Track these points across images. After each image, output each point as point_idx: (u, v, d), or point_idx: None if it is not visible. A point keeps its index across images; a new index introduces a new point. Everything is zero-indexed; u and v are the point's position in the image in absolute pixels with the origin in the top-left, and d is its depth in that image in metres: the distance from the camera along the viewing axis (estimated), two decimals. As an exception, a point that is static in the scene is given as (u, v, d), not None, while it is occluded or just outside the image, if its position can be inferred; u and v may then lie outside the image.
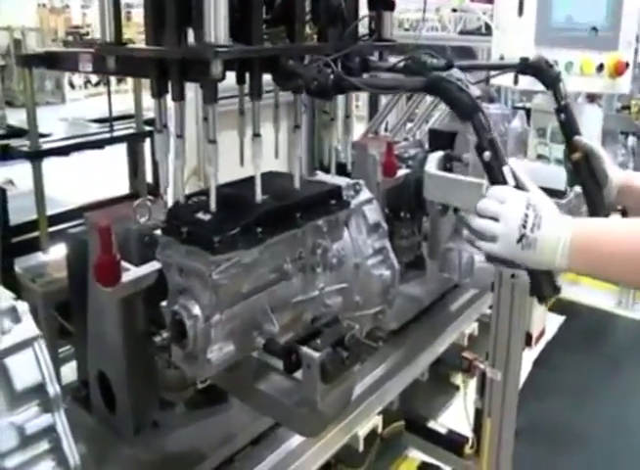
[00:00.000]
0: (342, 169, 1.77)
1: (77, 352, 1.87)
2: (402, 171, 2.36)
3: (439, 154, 2.20)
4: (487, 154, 1.21)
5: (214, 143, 1.35)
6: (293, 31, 1.46)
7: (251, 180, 1.44)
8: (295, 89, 1.47)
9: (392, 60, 1.66)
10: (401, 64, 1.58)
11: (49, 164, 2.05)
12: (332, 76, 1.36)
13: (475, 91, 1.22)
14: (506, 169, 1.22)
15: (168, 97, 1.40)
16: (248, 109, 1.56)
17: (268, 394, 1.50)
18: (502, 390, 2.44)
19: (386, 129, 3.47)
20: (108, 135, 2.26)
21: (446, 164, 2.25)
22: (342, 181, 1.69)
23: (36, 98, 2.06)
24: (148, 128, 2.29)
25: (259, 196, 1.43)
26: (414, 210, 2.45)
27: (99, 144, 2.21)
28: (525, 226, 1.16)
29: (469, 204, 2.10)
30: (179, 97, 1.38)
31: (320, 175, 1.76)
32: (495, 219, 1.19)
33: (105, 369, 1.69)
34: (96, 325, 1.69)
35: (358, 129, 2.44)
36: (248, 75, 1.43)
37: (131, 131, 2.31)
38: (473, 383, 2.70)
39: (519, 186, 1.22)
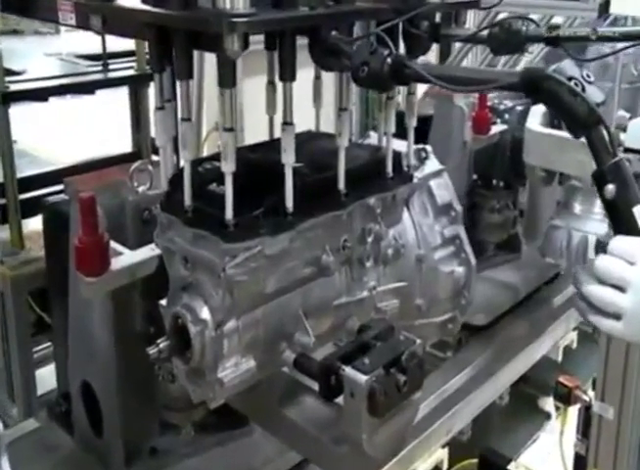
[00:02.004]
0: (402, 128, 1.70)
1: (57, 356, 1.87)
2: (496, 128, 2.35)
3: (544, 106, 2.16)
4: (611, 188, 1.08)
5: (231, 131, 1.30)
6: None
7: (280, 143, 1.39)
8: (339, 69, 1.42)
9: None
10: (485, 32, 1.50)
11: (36, 111, 2.05)
12: (389, 60, 1.27)
13: (595, 94, 1.10)
14: (638, 211, 1.09)
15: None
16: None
17: (298, 423, 1.49)
18: (615, 432, 2.32)
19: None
20: (100, 76, 2.20)
21: (553, 120, 2.20)
22: (403, 146, 1.64)
23: (22, 26, 2.06)
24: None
25: (291, 169, 1.38)
26: (510, 176, 2.44)
27: (88, 87, 2.17)
28: None
29: (582, 171, 2.04)
30: (185, 74, 1.31)
31: (373, 137, 1.71)
32: (621, 288, 1.08)
33: (90, 379, 1.69)
34: (79, 324, 1.68)
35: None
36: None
37: (131, 72, 2.26)
38: (571, 413, 2.61)
39: None
